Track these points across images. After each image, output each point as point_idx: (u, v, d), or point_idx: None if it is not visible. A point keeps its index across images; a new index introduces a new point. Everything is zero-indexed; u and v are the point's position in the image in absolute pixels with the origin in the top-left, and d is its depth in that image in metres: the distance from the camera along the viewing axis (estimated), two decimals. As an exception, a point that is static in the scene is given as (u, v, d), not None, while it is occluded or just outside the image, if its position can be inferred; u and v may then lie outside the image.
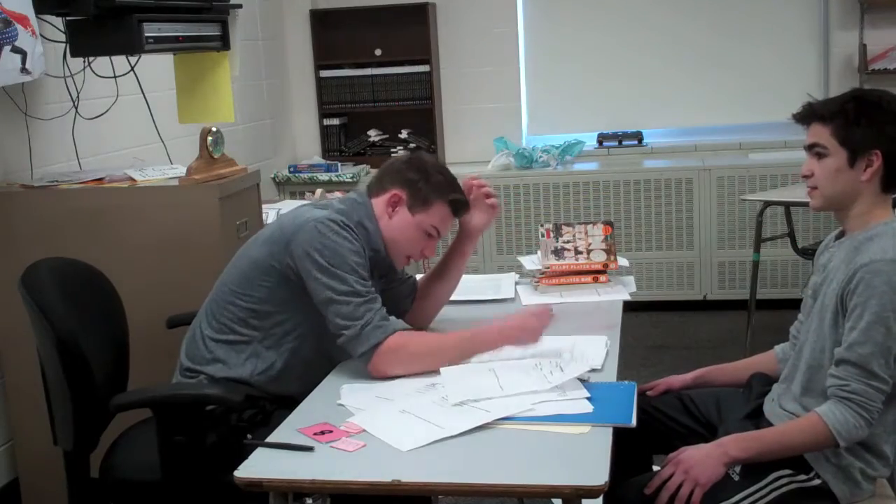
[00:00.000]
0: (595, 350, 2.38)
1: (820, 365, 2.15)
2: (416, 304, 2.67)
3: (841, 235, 2.25)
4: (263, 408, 2.38)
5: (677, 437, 2.38)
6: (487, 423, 1.98)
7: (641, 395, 2.36)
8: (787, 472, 2.10)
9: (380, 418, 2.04)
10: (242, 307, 2.41)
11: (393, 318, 2.33)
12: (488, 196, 2.62)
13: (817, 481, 2.10)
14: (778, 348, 2.48)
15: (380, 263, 2.49)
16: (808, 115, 2.20)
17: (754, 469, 2.08)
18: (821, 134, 2.17)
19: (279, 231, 2.39)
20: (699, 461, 2.05)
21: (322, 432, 1.98)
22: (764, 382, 2.40)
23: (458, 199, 2.51)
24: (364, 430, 1.98)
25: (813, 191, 2.21)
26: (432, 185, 2.46)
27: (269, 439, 1.97)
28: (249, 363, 2.41)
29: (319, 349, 2.43)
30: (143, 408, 2.35)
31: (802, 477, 2.10)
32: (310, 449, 1.91)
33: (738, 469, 2.08)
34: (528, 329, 2.35)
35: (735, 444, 2.06)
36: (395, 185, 2.47)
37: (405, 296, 2.66)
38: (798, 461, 2.11)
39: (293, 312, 2.39)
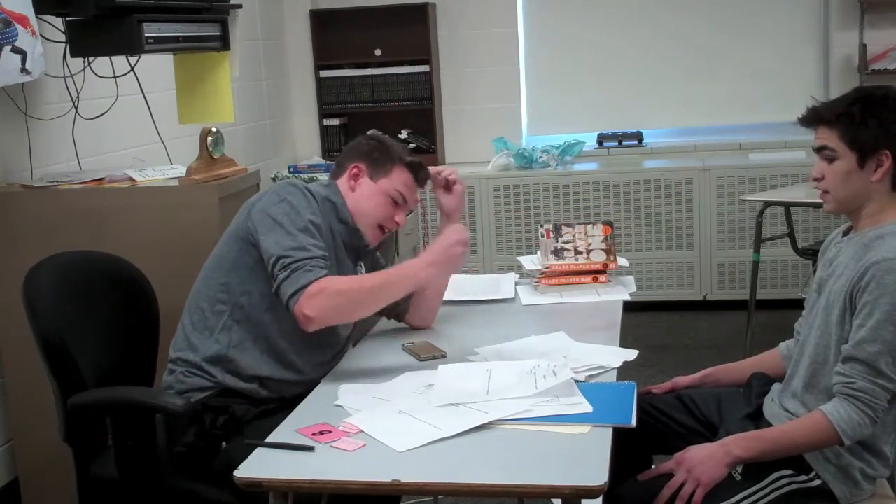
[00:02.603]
0: (607, 358, 2.35)
1: (825, 361, 2.14)
2: (415, 299, 2.64)
3: (848, 231, 2.24)
4: (233, 414, 2.32)
5: (678, 436, 2.38)
6: (487, 424, 1.98)
7: (642, 394, 2.36)
8: (788, 472, 2.09)
9: (377, 419, 2.04)
10: (213, 286, 2.42)
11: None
12: (451, 181, 2.66)
13: (818, 482, 2.10)
14: (783, 346, 2.47)
15: (353, 240, 2.50)
16: (814, 118, 2.18)
17: (755, 469, 2.08)
18: (829, 137, 2.15)
19: (245, 203, 2.44)
20: (702, 461, 2.04)
21: (321, 432, 1.98)
22: (764, 382, 2.40)
23: (414, 161, 2.55)
24: (362, 431, 1.98)
25: (825, 194, 2.20)
26: (388, 152, 2.53)
27: (269, 439, 1.97)
28: (223, 337, 2.39)
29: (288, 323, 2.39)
30: (97, 409, 2.33)
31: (803, 477, 2.10)
32: (310, 449, 1.91)
33: (739, 469, 2.08)
34: (454, 256, 2.39)
35: (738, 444, 2.06)
36: (353, 159, 2.54)
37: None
38: (798, 461, 2.10)
39: (258, 282, 2.37)
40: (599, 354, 2.37)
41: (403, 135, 5.92)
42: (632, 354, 2.39)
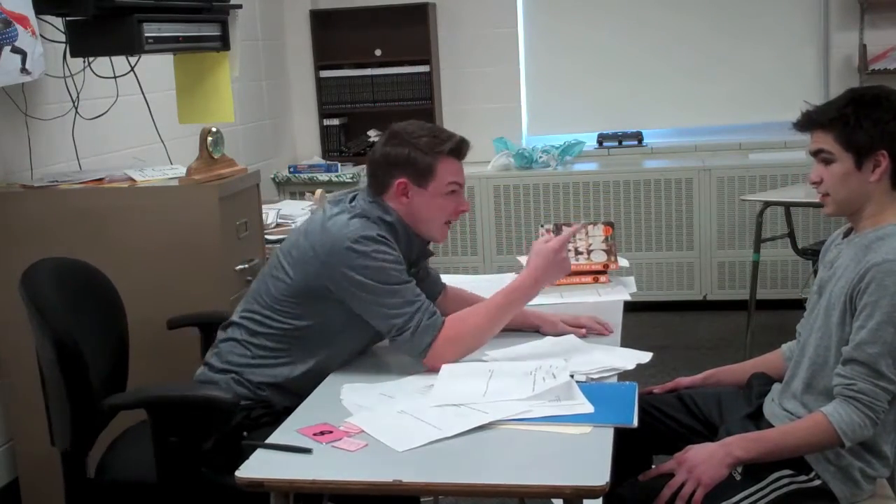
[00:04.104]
0: (620, 361, 2.35)
1: (825, 362, 2.14)
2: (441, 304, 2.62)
3: (849, 232, 2.24)
4: (273, 407, 2.37)
5: (678, 437, 2.38)
6: (488, 424, 1.98)
7: (643, 394, 2.36)
8: (788, 472, 2.10)
9: (378, 418, 2.04)
10: (277, 326, 2.38)
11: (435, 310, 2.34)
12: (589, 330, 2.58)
13: (818, 482, 2.10)
14: (785, 347, 2.47)
15: (414, 248, 2.46)
16: (808, 122, 2.18)
17: (755, 469, 2.08)
18: (824, 140, 2.15)
19: (311, 252, 2.33)
20: (703, 461, 2.04)
21: (322, 433, 1.98)
22: (764, 382, 2.40)
23: (454, 146, 2.42)
24: (363, 431, 1.98)
25: (825, 197, 2.20)
26: (423, 150, 2.39)
27: (270, 440, 1.97)
28: (284, 369, 2.39)
29: (355, 348, 2.45)
30: (138, 408, 2.34)
31: (803, 477, 2.10)
32: (308, 451, 1.91)
33: (739, 469, 2.08)
34: (557, 263, 2.37)
35: (739, 445, 2.06)
36: (392, 174, 2.39)
37: (434, 293, 2.64)
38: (798, 462, 2.11)
39: (329, 320, 2.37)
40: (612, 356, 2.37)
41: (403, 135, 5.91)
42: (646, 357, 2.38)
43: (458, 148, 2.44)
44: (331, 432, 1.98)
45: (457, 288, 2.78)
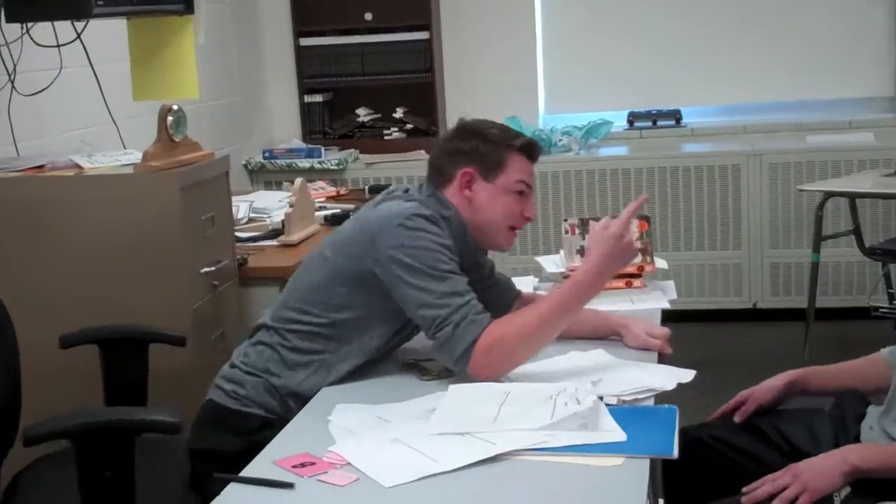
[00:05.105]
0: (658, 380, 2.35)
1: None
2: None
3: None
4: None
5: (754, 475, 2.31)
6: (501, 455, 1.97)
7: (700, 425, 2.34)
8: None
9: (366, 447, 2.04)
10: (314, 322, 2.46)
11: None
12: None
13: None
14: (885, 351, 2.45)
15: (466, 254, 2.51)
16: None
17: (861, 496, 2.06)
18: None
19: (358, 233, 2.45)
20: (813, 465, 2.05)
21: (302, 464, 1.98)
22: (858, 402, 2.38)
23: (526, 143, 2.55)
24: (349, 462, 1.98)
25: None
26: (494, 141, 2.52)
27: (245, 472, 1.97)
28: (318, 375, 2.45)
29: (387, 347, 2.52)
30: (61, 438, 2.29)
31: None
32: (290, 486, 1.91)
33: (842, 494, 2.06)
34: (622, 249, 2.39)
35: (857, 452, 2.07)
36: (458, 163, 2.51)
37: (506, 303, 2.69)
38: None
39: (371, 313, 2.45)
40: (648, 375, 2.37)
41: (398, 114, 5.93)
42: (687, 375, 2.38)
43: (531, 146, 2.56)
44: (313, 464, 1.98)
45: (534, 294, 2.85)
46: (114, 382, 2.80)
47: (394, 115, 5.95)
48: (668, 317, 2.87)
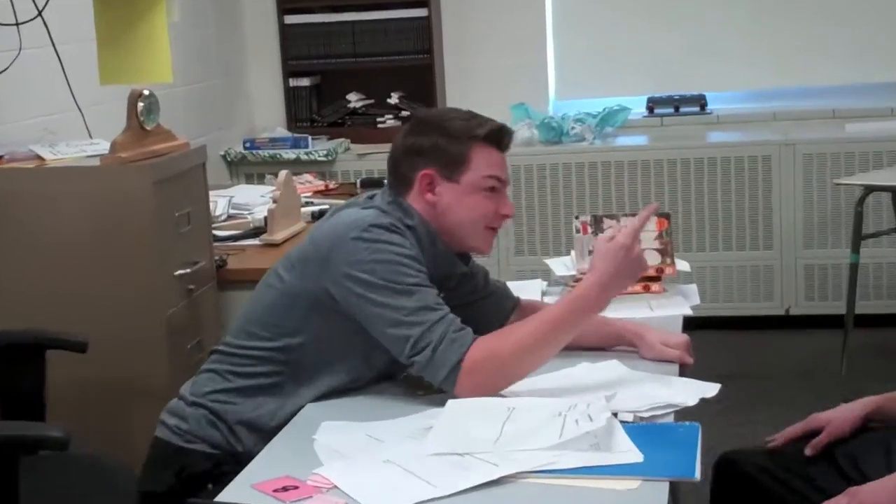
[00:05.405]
0: (679, 394, 2.34)
1: None
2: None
3: None
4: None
5: None
6: (504, 478, 1.97)
7: (759, 450, 2.35)
8: None
9: (355, 470, 2.03)
10: (265, 347, 2.43)
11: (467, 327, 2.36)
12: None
13: None
14: None
15: (439, 263, 2.48)
16: None
17: None
18: None
19: (311, 249, 2.42)
20: (873, 487, 2.06)
21: (284, 488, 1.97)
22: None
23: (491, 130, 2.49)
24: (335, 486, 1.98)
25: None
26: (454, 135, 2.46)
27: (220, 499, 1.97)
28: (272, 403, 2.42)
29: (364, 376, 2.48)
30: None
31: None
32: (272, 512, 1.91)
33: None
34: (630, 262, 2.36)
35: None
36: (416, 165, 2.46)
37: (503, 313, 2.67)
38: None
39: (330, 337, 2.41)
40: (668, 389, 2.36)
41: (394, 99, 5.93)
42: (712, 389, 2.37)
43: (498, 134, 2.50)
44: (297, 488, 1.97)
45: (535, 302, 2.81)
46: (6, 394, 2.77)
47: (388, 100, 5.95)
48: (691, 324, 2.88)
